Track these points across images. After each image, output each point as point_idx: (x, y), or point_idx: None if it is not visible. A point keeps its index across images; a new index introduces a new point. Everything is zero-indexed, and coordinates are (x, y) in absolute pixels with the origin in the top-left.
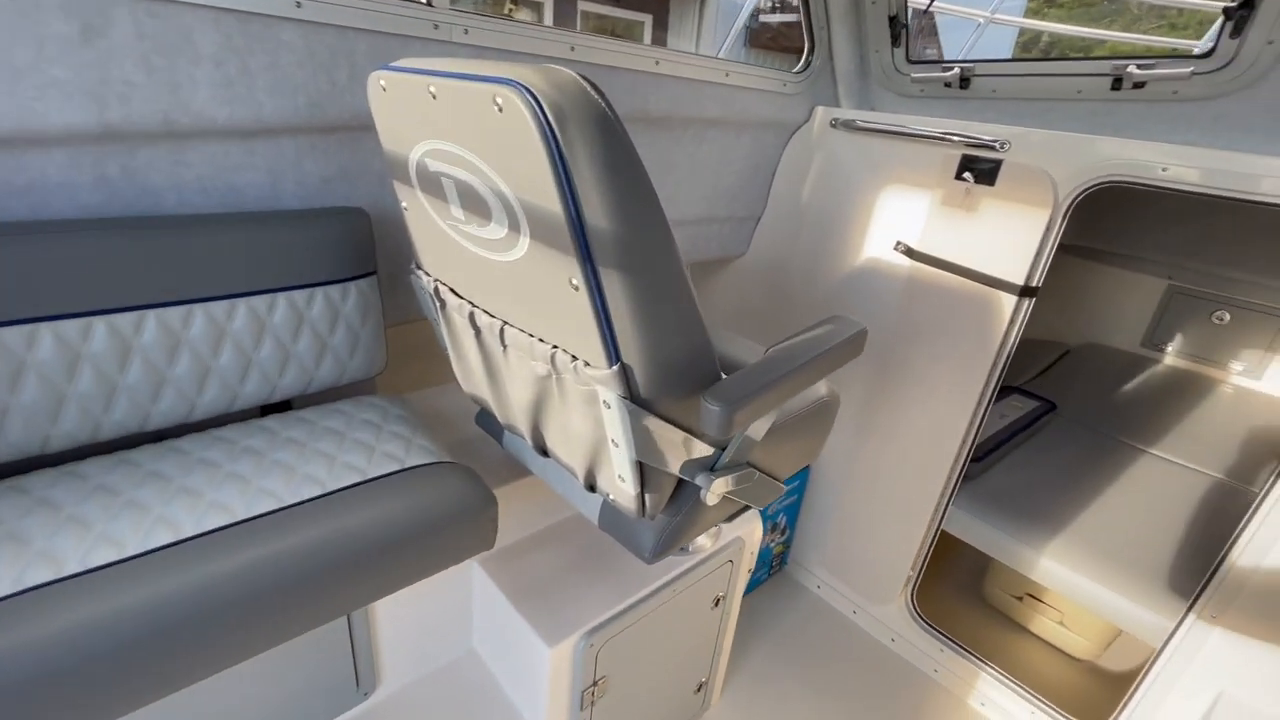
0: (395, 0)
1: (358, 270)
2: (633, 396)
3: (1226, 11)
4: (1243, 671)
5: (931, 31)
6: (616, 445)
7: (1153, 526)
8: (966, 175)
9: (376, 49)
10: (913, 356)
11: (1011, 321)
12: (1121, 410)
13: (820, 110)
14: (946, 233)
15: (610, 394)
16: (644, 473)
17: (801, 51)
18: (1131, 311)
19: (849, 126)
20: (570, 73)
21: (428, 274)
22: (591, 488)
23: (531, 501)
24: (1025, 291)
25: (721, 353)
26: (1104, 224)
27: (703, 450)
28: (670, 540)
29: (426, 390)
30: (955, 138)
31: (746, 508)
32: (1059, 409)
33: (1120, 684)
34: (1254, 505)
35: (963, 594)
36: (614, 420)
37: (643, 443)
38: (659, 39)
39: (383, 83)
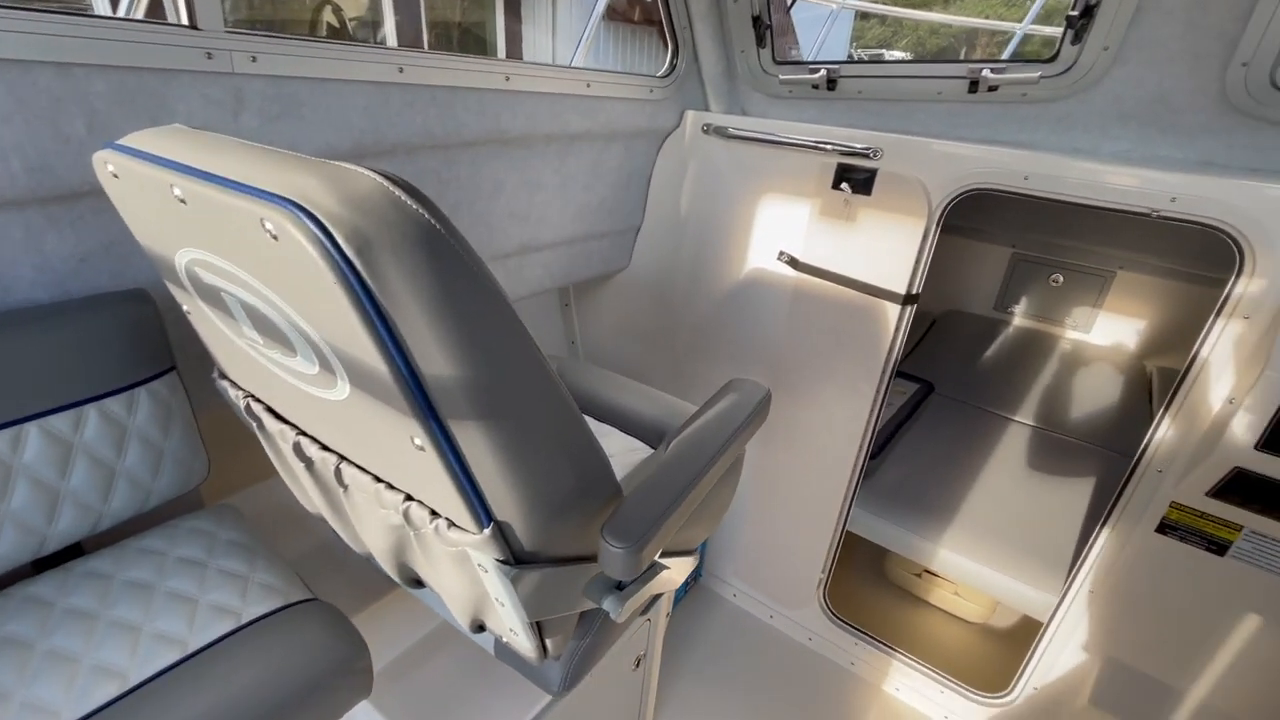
0: (141, 24)
1: (147, 370)
2: (515, 556)
3: (1069, 20)
4: (1123, 635)
5: (788, 29)
6: (502, 605)
7: (1033, 501)
8: (844, 186)
9: (123, 90)
10: (806, 366)
11: (896, 329)
12: (989, 381)
13: (690, 115)
14: (829, 243)
15: (485, 558)
16: (540, 623)
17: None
18: (984, 279)
19: (721, 134)
20: (370, 176)
21: (235, 385)
22: (480, 628)
23: (410, 605)
24: (908, 300)
25: (630, 411)
26: (959, 203)
27: (608, 573)
28: (581, 668)
29: (271, 480)
30: (829, 146)
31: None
32: (936, 388)
33: (1013, 641)
34: (1120, 485)
35: (867, 576)
36: (495, 583)
37: (535, 601)
38: (512, 31)
39: (111, 168)
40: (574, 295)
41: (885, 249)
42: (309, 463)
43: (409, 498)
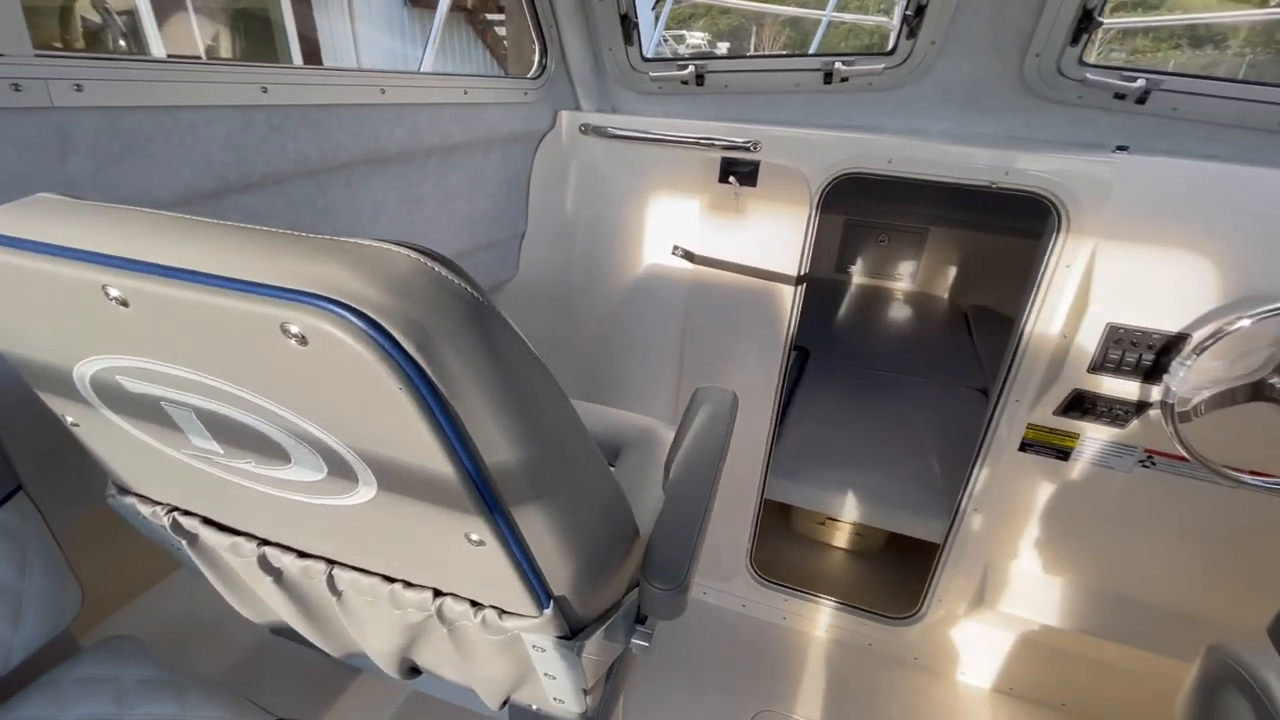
0: None
1: None
2: (571, 628)
3: (905, 18)
4: (1002, 545)
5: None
6: (554, 678)
7: (908, 439)
8: (731, 179)
9: None
10: (714, 354)
11: (792, 308)
12: (849, 338)
13: (565, 116)
14: (722, 235)
15: (544, 639)
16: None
17: (466, 8)
18: (827, 244)
19: (601, 133)
20: (407, 255)
21: (148, 501)
22: (504, 704)
23: (373, 687)
24: (800, 280)
25: (608, 436)
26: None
27: (630, 609)
28: (610, 709)
29: (158, 586)
30: (711, 141)
31: None
32: (811, 353)
33: (913, 566)
34: (988, 415)
35: (778, 533)
36: (552, 660)
37: (592, 665)
38: (302, 14)
39: None
40: None
41: (775, 236)
42: (278, 574)
43: (438, 593)
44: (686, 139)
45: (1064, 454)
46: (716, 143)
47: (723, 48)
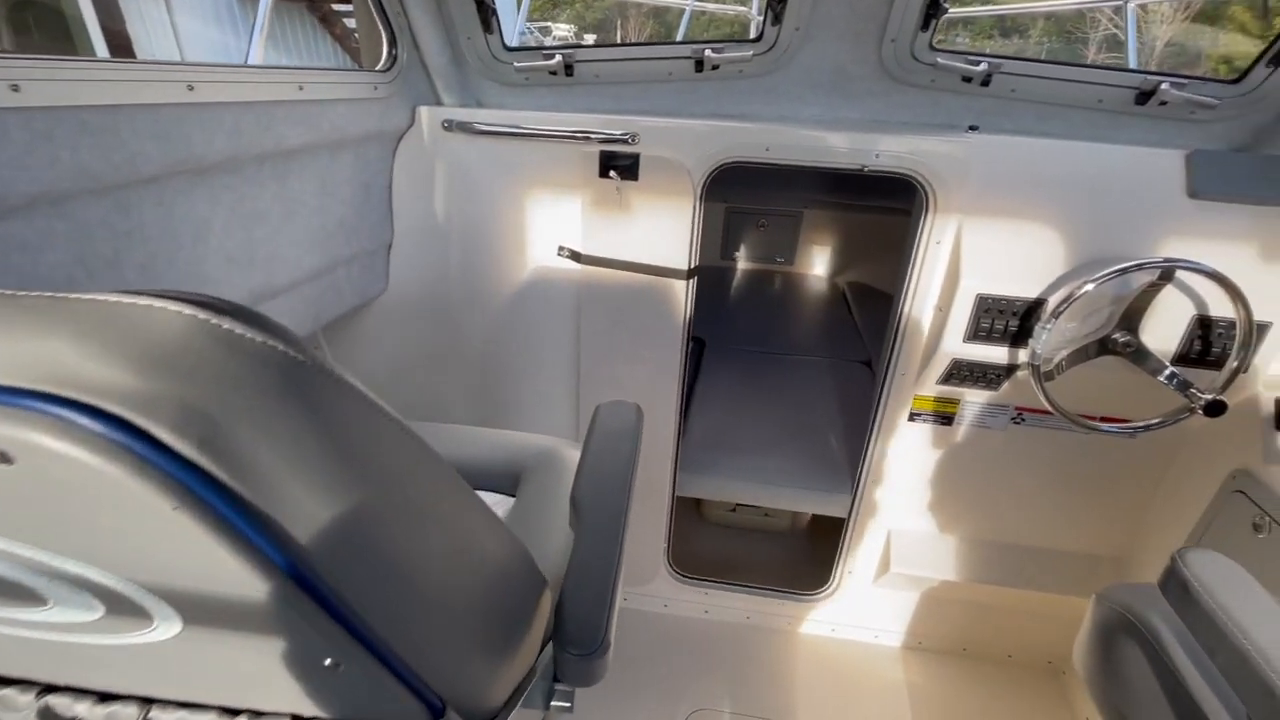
0: None
1: None
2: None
3: (770, 4)
4: (900, 511)
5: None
6: None
7: (806, 419)
8: (612, 174)
9: None
10: (613, 356)
11: (685, 302)
12: (740, 323)
13: (424, 112)
14: (608, 232)
15: None
16: None
17: None
18: (711, 232)
19: (467, 130)
20: (176, 311)
21: None
22: None
23: None
24: (690, 274)
25: (469, 462)
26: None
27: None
28: None
29: None
30: (587, 134)
31: None
32: (706, 343)
33: (825, 538)
34: (879, 391)
35: (689, 525)
36: None
37: None
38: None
39: None
40: (325, 338)
41: (662, 230)
42: None
43: (297, 718)
44: (561, 133)
45: (947, 419)
46: (593, 136)
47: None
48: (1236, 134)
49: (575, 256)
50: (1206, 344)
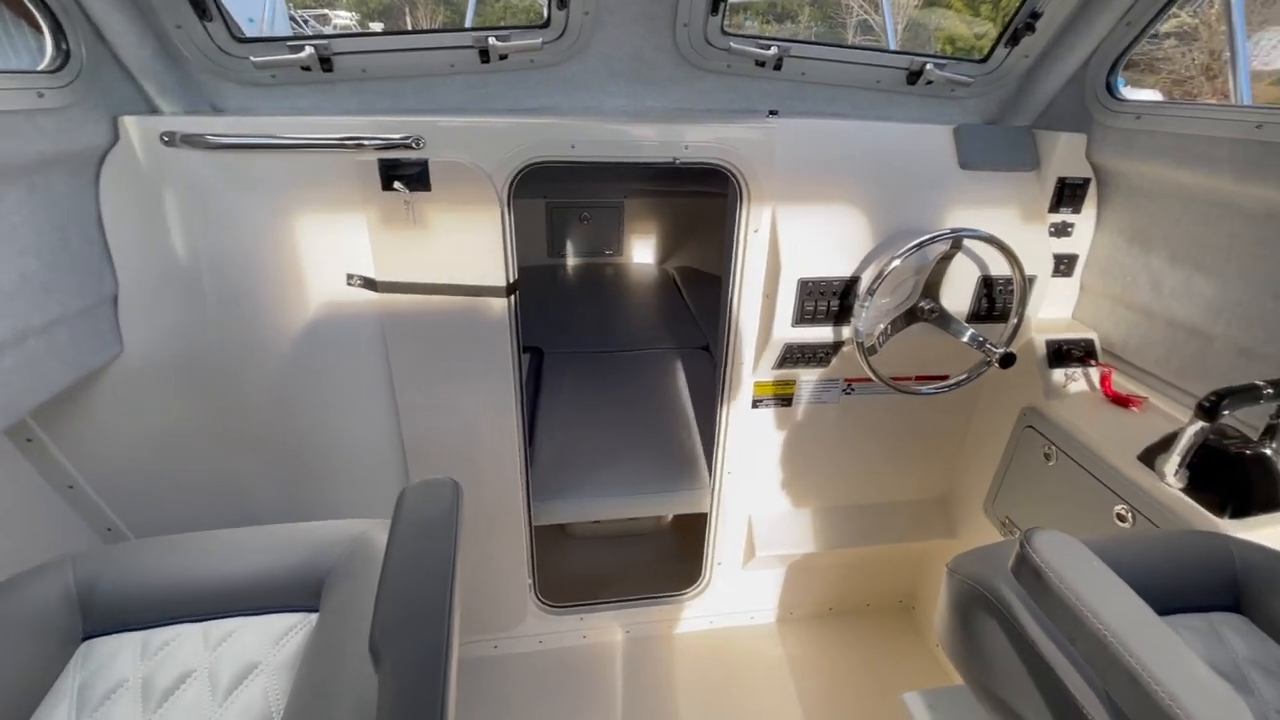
0: None
1: None
2: None
3: None
4: (757, 495)
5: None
6: None
7: (658, 416)
8: (398, 186)
9: None
10: (433, 392)
11: (510, 319)
12: (577, 324)
13: (131, 124)
14: (405, 253)
15: None
16: None
17: None
18: (533, 231)
19: (196, 143)
20: None
21: None
22: None
23: None
24: (511, 289)
25: (246, 578)
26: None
27: None
28: None
29: None
30: (360, 141)
31: None
32: (543, 352)
33: (693, 531)
34: (720, 384)
35: (554, 553)
36: None
37: None
38: None
39: None
40: (41, 426)
41: (469, 244)
42: None
43: None
44: (325, 141)
45: (787, 401)
46: (366, 142)
47: (378, 30)
48: (988, 108)
49: (370, 284)
50: (991, 301)
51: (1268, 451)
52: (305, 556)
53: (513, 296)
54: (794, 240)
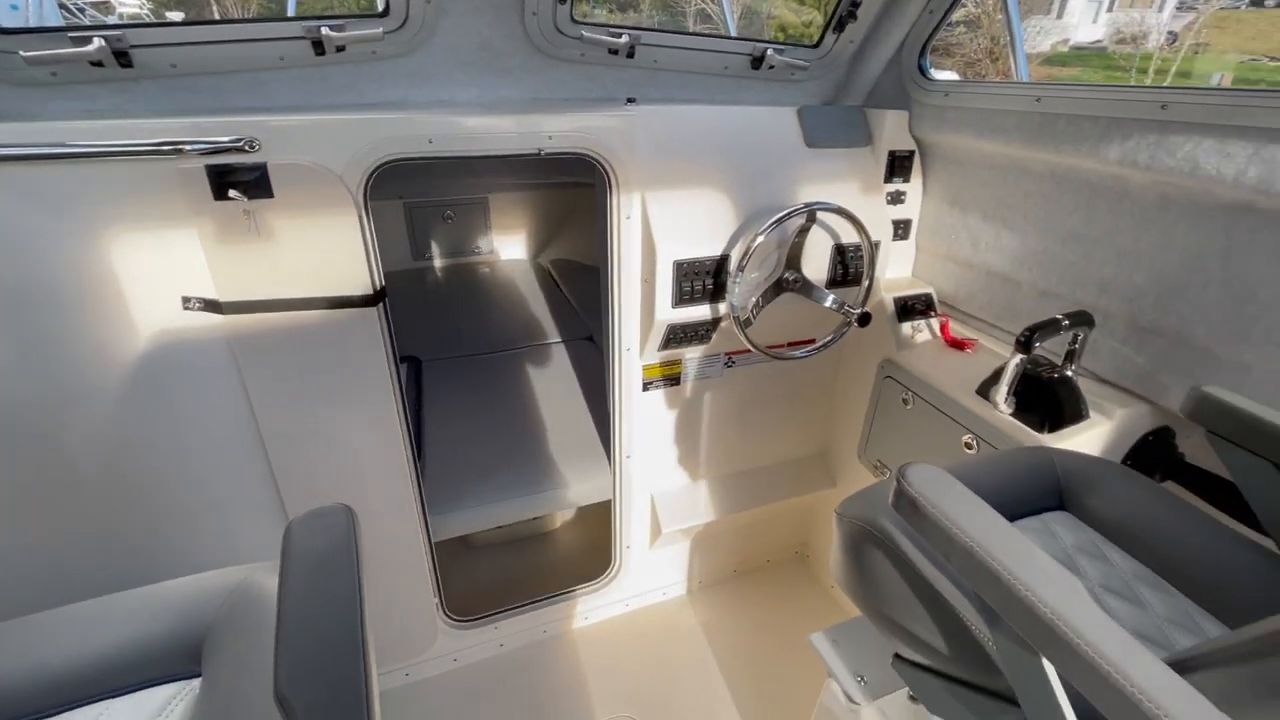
0: None
1: None
2: None
3: None
4: (657, 474)
5: None
6: None
7: (550, 411)
8: (234, 194)
9: None
10: (303, 424)
11: (383, 329)
12: (456, 328)
13: None
14: (251, 268)
15: None
16: None
17: None
18: (393, 234)
19: None
20: None
21: None
22: None
23: None
24: (378, 296)
25: (96, 656)
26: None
27: None
28: None
29: None
30: (179, 145)
31: None
32: (421, 361)
33: (601, 518)
34: (609, 372)
35: (459, 565)
36: None
37: None
38: None
39: None
40: None
41: (325, 253)
42: None
43: None
44: (130, 147)
45: (675, 380)
46: (187, 147)
47: (177, 19)
48: (825, 90)
49: (214, 307)
50: (845, 267)
51: (1070, 373)
52: (176, 617)
53: (381, 304)
54: (665, 224)
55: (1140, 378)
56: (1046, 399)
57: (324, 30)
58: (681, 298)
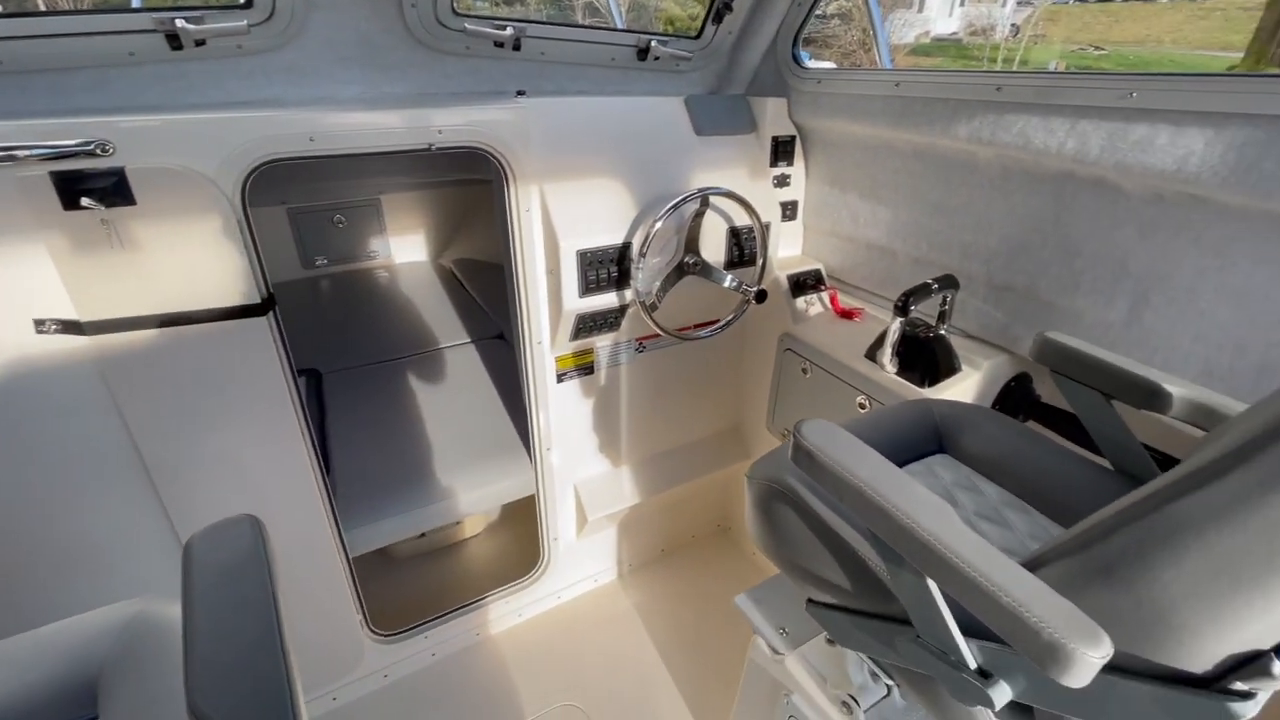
0: None
1: None
2: None
3: None
4: (579, 464)
5: None
6: None
7: (466, 413)
8: (88, 203)
9: None
10: (190, 450)
11: (276, 339)
12: (357, 337)
13: None
14: (114, 283)
15: None
16: None
17: None
18: (279, 241)
19: None
20: None
21: None
22: None
23: None
24: (265, 304)
25: (68, 676)
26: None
27: None
28: None
29: None
30: (13, 151)
31: None
32: (321, 373)
33: (527, 513)
34: (522, 368)
35: (382, 577)
36: None
37: None
38: None
39: None
40: None
41: (199, 263)
42: None
43: None
44: None
45: (589, 369)
46: (23, 152)
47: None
48: (709, 79)
49: (74, 328)
50: (741, 249)
51: (943, 332)
52: (63, 660)
53: (271, 313)
54: (565, 215)
55: (1000, 331)
56: (925, 357)
57: (179, 23)
58: (588, 287)
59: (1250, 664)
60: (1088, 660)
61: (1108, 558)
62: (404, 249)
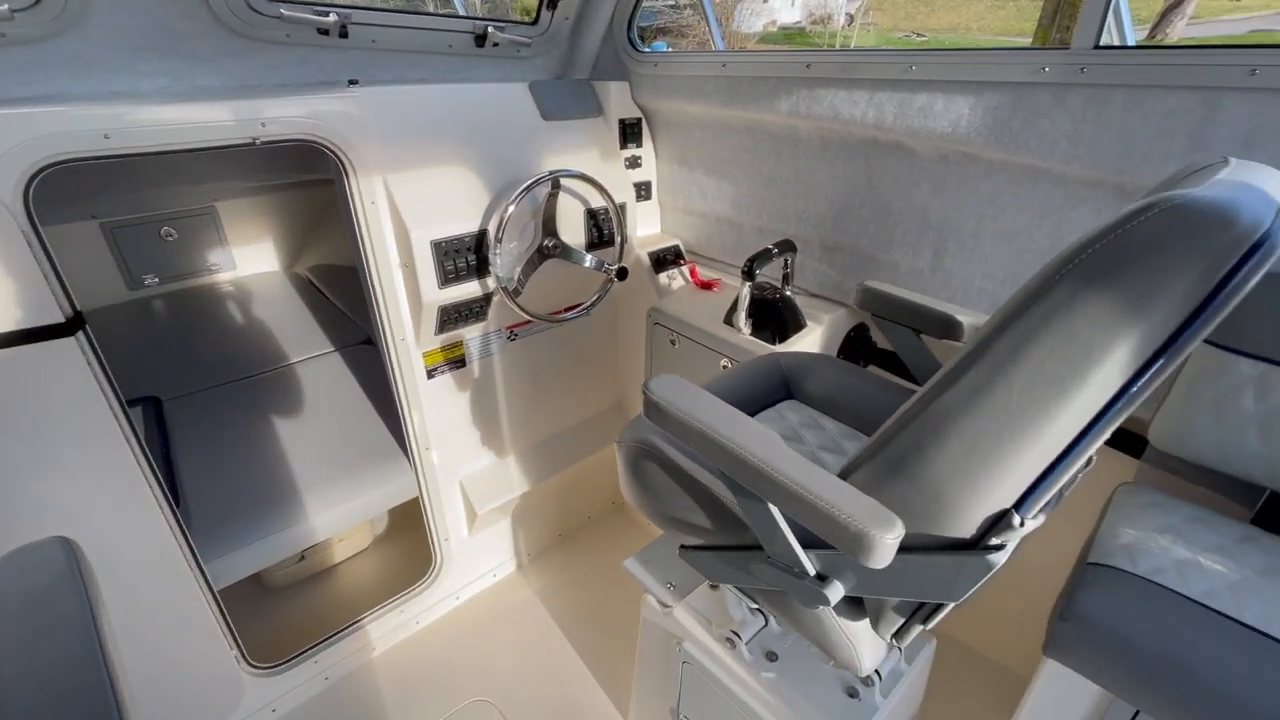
0: None
1: None
2: None
3: None
4: (461, 459)
5: None
6: None
7: (337, 424)
8: None
9: None
10: (17, 493)
11: (91, 363)
12: (202, 358)
13: None
14: None
15: None
16: None
17: None
18: (94, 260)
19: None
20: None
21: None
22: None
23: None
24: (73, 324)
25: None
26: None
27: None
28: None
29: None
30: None
31: None
32: (162, 399)
33: (415, 517)
34: (388, 367)
35: (255, 606)
36: None
37: None
38: None
39: None
40: None
41: None
42: None
43: None
44: None
45: (460, 362)
46: None
47: None
48: (552, 65)
49: None
50: (599, 229)
51: (788, 293)
52: None
53: (80, 332)
54: (415, 206)
55: (835, 287)
56: (773, 317)
57: None
58: (447, 277)
59: (999, 522)
60: (885, 543)
61: (897, 454)
62: (250, 260)
